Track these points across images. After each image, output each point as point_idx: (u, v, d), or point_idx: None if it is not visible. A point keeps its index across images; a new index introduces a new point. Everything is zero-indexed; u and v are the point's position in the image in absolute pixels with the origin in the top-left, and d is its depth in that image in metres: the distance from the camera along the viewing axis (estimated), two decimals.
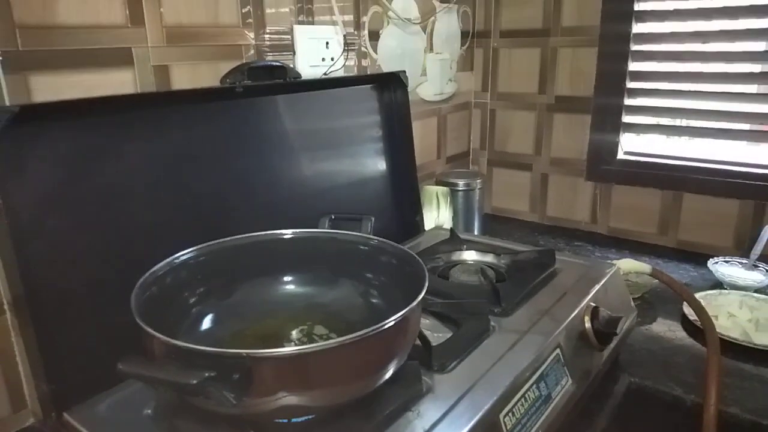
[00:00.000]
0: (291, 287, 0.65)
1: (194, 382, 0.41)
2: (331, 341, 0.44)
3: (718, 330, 0.78)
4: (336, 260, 0.65)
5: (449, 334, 0.65)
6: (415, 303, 0.49)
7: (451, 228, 1.00)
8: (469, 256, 0.90)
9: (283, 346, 0.57)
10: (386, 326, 0.46)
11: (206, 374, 0.41)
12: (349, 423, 0.51)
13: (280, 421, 0.50)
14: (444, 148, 1.42)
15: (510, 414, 0.56)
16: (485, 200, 1.48)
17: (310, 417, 0.50)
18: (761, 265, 1.06)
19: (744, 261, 1.08)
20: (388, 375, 0.50)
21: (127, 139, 0.65)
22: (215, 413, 0.48)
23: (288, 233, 0.66)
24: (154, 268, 0.56)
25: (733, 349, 0.83)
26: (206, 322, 0.59)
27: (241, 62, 0.83)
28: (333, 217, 0.75)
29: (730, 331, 0.87)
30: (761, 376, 0.78)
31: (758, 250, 1.07)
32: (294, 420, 0.50)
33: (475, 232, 1.25)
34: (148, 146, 0.67)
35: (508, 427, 0.55)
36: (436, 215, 1.17)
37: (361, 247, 0.64)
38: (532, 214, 1.46)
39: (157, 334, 0.44)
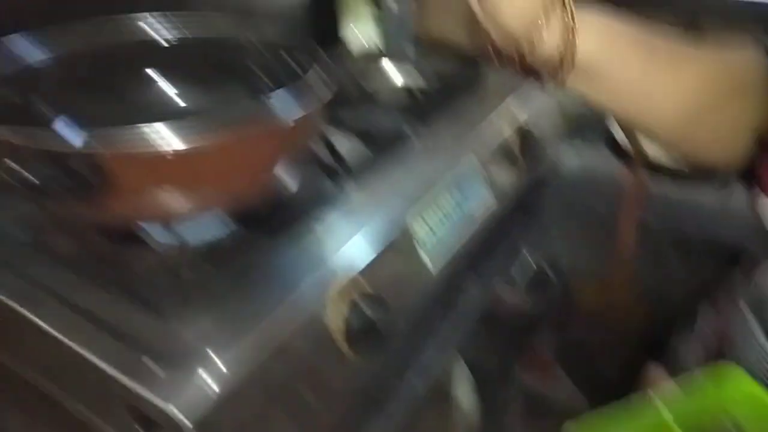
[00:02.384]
0: (171, 92, 0.55)
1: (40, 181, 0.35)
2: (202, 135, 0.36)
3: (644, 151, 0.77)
4: (224, 61, 0.55)
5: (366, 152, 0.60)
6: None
7: (376, 44, 0.90)
8: (393, 73, 0.83)
9: None
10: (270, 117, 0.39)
11: (49, 172, 0.35)
12: (253, 238, 0.46)
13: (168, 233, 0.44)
14: None
15: (423, 221, 0.53)
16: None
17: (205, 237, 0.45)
18: None
19: None
20: (278, 180, 0.44)
21: None
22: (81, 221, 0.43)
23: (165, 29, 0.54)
24: None
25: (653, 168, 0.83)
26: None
27: None
28: None
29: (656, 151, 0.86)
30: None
31: None
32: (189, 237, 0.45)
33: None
34: None
35: (419, 235, 0.52)
36: (360, 31, 1.06)
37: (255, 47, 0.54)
38: None
39: None
